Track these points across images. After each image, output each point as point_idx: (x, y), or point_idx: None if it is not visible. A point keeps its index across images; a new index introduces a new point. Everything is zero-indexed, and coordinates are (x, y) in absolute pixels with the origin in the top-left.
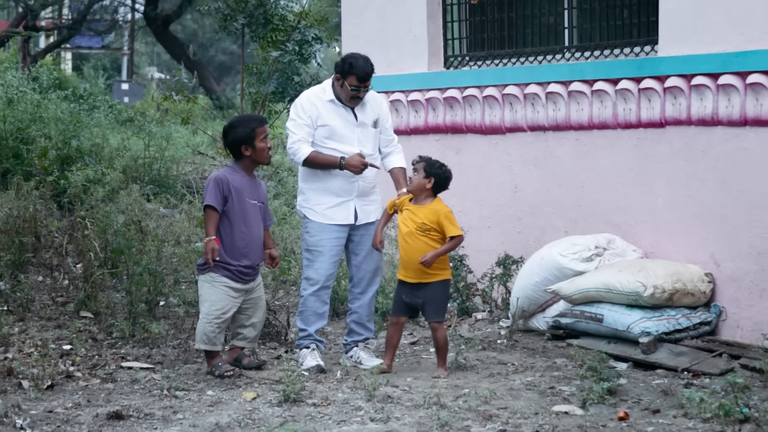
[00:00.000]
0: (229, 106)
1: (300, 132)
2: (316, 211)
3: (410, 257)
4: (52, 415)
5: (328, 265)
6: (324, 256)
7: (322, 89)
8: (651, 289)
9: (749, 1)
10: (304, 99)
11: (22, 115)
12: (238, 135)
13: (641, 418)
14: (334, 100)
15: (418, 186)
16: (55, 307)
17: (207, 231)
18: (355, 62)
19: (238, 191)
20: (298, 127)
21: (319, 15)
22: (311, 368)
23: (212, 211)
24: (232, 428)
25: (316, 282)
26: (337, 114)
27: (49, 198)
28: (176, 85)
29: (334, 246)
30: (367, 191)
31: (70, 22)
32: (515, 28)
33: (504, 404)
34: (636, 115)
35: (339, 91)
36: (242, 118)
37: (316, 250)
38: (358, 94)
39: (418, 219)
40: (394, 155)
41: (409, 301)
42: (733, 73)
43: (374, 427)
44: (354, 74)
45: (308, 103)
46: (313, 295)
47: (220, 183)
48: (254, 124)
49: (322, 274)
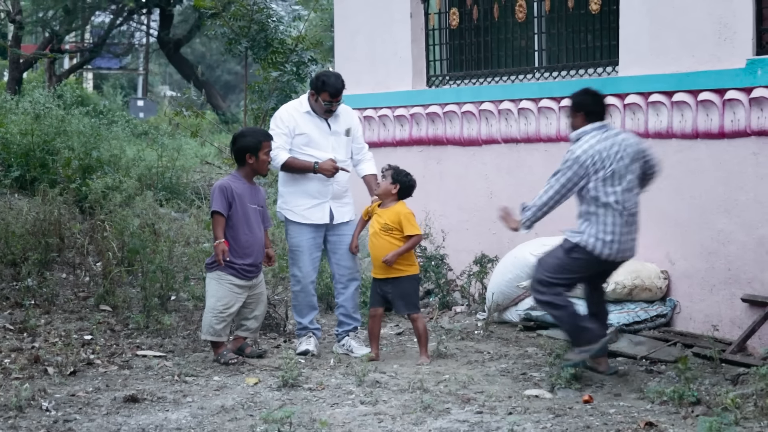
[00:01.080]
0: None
1: (278, 140)
2: (295, 212)
3: (376, 255)
4: (74, 398)
5: (309, 261)
6: (305, 255)
7: (299, 102)
8: (612, 285)
9: (700, 27)
10: (283, 111)
11: (48, 129)
12: (246, 143)
13: (604, 401)
14: (310, 112)
15: (385, 191)
16: (77, 301)
17: (216, 234)
18: (327, 80)
19: (241, 197)
20: (277, 136)
21: (314, 39)
22: (302, 352)
23: (219, 217)
24: (236, 410)
25: (301, 278)
26: (312, 124)
27: (72, 203)
28: (186, 102)
29: (312, 245)
30: (341, 194)
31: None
32: (491, 51)
33: (481, 388)
34: None
35: (314, 105)
36: (252, 130)
37: (297, 250)
38: (330, 108)
39: (382, 220)
40: (366, 162)
41: (382, 294)
42: (686, 91)
43: (364, 409)
44: (327, 91)
45: (286, 115)
46: (302, 290)
47: (225, 190)
48: (261, 137)
49: (305, 270)
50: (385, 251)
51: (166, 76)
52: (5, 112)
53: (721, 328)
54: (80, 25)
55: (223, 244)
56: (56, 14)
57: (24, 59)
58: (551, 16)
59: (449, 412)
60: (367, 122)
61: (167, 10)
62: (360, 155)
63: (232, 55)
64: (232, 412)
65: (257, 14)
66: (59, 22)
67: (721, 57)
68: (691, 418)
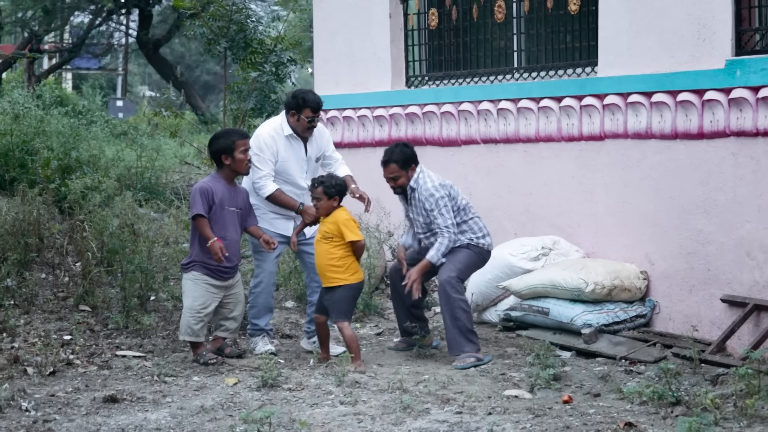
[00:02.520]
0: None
1: (265, 168)
2: (264, 219)
3: (317, 263)
4: (54, 398)
5: (273, 265)
6: (269, 258)
7: (280, 126)
8: (592, 286)
9: (679, 28)
10: (266, 136)
11: (27, 129)
12: (220, 145)
13: (584, 401)
14: (292, 135)
15: (327, 209)
16: (56, 301)
17: (206, 235)
18: (307, 96)
19: (221, 200)
20: (263, 162)
21: (293, 39)
22: (264, 352)
23: (202, 218)
24: (215, 410)
25: (263, 279)
26: (291, 149)
27: (51, 203)
28: (165, 102)
29: (276, 250)
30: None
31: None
32: (470, 52)
33: (460, 389)
34: (578, 129)
35: (295, 125)
36: (225, 131)
37: (263, 252)
38: (313, 124)
39: (323, 228)
40: (341, 167)
41: (323, 304)
42: (665, 92)
43: (343, 410)
44: (308, 106)
45: (270, 140)
46: (263, 291)
47: (205, 193)
48: (235, 137)
49: (268, 273)
50: (323, 259)
51: (145, 76)
52: None
53: (700, 328)
54: (59, 25)
55: (217, 242)
56: (35, 14)
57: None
58: (530, 17)
59: (429, 413)
60: (346, 122)
61: (146, 11)
62: (334, 165)
63: (211, 55)
64: (211, 412)
65: (236, 14)
66: (38, 22)
67: (700, 58)
68: (671, 418)
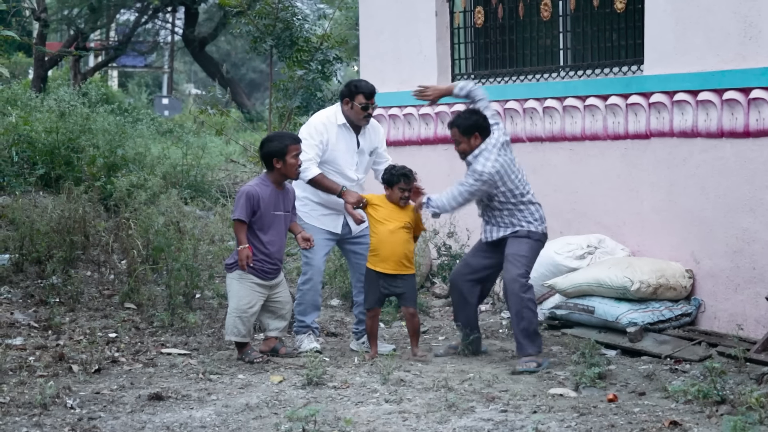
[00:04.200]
0: (258, 119)
1: (311, 152)
2: (312, 216)
3: (394, 251)
4: (99, 396)
5: (321, 262)
6: (318, 254)
7: (334, 114)
8: (637, 284)
9: (725, 26)
10: (318, 123)
11: (73, 126)
12: (273, 148)
13: (629, 399)
14: (345, 124)
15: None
16: (102, 299)
17: (239, 240)
18: (359, 83)
19: (267, 205)
20: (310, 147)
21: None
22: (309, 350)
23: (242, 223)
24: (260, 408)
25: (312, 276)
26: (343, 140)
27: (96, 201)
28: (211, 100)
29: (325, 246)
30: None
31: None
32: (516, 50)
33: (505, 387)
34: (624, 128)
35: (349, 113)
36: (279, 134)
37: (312, 249)
38: (368, 111)
39: (404, 219)
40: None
41: (387, 292)
42: (711, 90)
43: (388, 408)
44: (361, 92)
45: (322, 127)
46: (311, 288)
47: (251, 198)
48: (288, 141)
49: (317, 270)
50: (403, 246)
51: (191, 74)
52: (30, 110)
53: (745, 327)
54: (105, 23)
55: (247, 249)
56: (81, 12)
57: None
58: (576, 15)
59: (474, 411)
60: (392, 121)
61: (192, 8)
62: (383, 166)
63: (257, 53)
64: (256, 410)
65: (282, 12)
66: (84, 20)
67: (746, 56)
68: (716, 417)
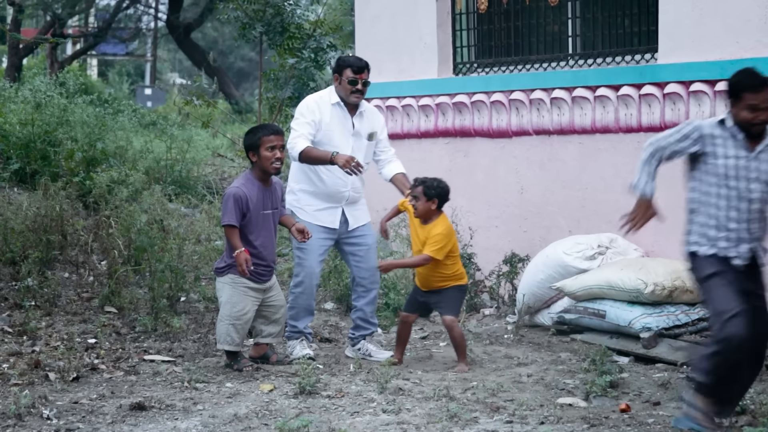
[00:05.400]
0: (247, 111)
1: (301, 129)
2: (306, 212)
3: (420, 272)
4: (77, 405)
5: (316, 263)
6: (312, 255)
7: (328, 93)
8: (651, 287)
9: (744, 12)
10: (310, 101)
11: (50, 118)
12: (247, 141)
13: (642, 410)
14: (339, 103)
15: (425, 211)
16: (80, 302)
17: (234, 245)
18: (347, 58)
19: (256, 205)
20: (301, 125)
21: (333, 24)
22: (302, 357)
23: (233, 228)
24: (249, 419)
25: (305, 279)
26: (337, 120)
27: (75, 198)
28: (197, 90)
29: (321, 246)
30: (356, 199)
31: (96, 30)
32: (521, 37)
33: (511, 396)
34: (637, 120)
35: (339, 90)
36: (255, 127)
37: (305, 249)
38: (357, 87)
39: (423, 236)
40: (393, 163)
41: (423, 300)
42: None
43: (386, 418)
44: (348, 66)
45: (314, 105)
46: (303, 292)
47: (239, 200)
48: (261, 132)
49: (311, 271)
50: (430, 271)
51: (176, 62)
52: (4, 101)
53: None
54: (84, 8)
55: (244, 253)
56: None
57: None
58: (586, 0)
59: (477, 422)
60: (389, 112)
61: None
62: (386, 156)
63: (245, 40)
64: (245, 420)
65: None
66: (61, 5)
67: (767, 43)
68: (735, 428)
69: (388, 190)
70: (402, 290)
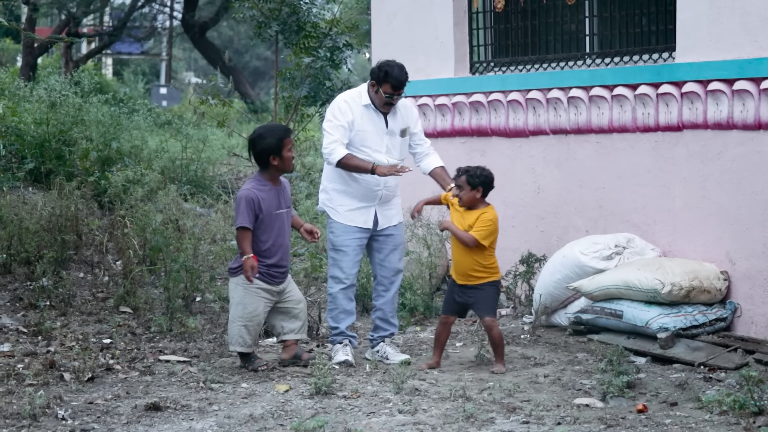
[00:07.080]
0: (263, 110)
1: (336, 133)
2: (339, 212)
3: (458, 260)
4: (92, 406)
5: (352, 264)
6: (348, 256)
7: (359, 94)
8: (669, 287)
9: (762, 10)
10: (341, 102)
11: (65, 118)
12: (267, 145)
13: (659, 410)
14: (369, 105)
15: (470, 200)
16: (95, 302)
17: (243, 250)
18: (391, 71)
19: (268, 206)
20: (335, 128)
21: (349, 22)
22: (340, 363)
23: (245, 231)
24: (265, 419)
25: (342, 280)
26: (370, 120)
27: (90, 198)
28: (212, 90)
29: (357, 246)
30: (389, 198)
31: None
32: (538, 36)
33: (527, 397)
34: (654, 119)
35: (373, 97)
36: (269, 129)
37: (341, 250)
38: (391, 101)
39: (466, 222)
40: (431, 156)
41: (461, 301)
42: (748, 79)
43: (402, 419)
44: (389, 82)
45: (345, 106)
46: (341, 292)
47: (252, 203)
48: (281, 134)
49: (348, 272)
50: (469, 258)
51: (191, 61)
52: (19, 100)
53: None
54: (99, 6)
55: (252, 259)
56: None
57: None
58: None
59: (493, 422)
60: None
61: None
62: (423, 150)
63: (261, 39)
64: (261, 421)
65: None
66: (76, 4)
67: None
68: (753, 429)
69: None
70: (418, 290)
